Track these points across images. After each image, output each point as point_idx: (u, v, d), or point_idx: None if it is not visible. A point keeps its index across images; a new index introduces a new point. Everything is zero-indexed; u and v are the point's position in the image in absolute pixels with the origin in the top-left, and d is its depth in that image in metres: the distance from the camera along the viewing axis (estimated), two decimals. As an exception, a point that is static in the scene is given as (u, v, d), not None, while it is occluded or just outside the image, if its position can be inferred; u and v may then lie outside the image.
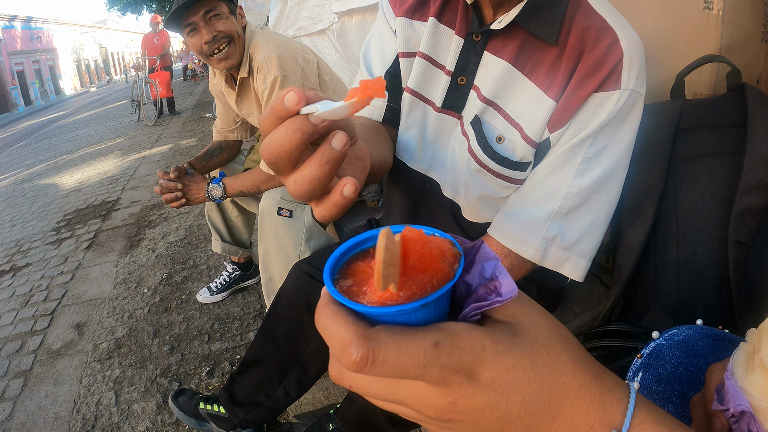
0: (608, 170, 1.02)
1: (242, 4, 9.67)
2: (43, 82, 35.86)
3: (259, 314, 2.79)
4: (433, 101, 1.19)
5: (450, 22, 1.15)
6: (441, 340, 0.37)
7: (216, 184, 2.21)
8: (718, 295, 1.12)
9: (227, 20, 2.02)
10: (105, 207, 5.30)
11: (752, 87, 1.22)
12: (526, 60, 1.05)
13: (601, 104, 0.98)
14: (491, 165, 1.10)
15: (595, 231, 1.06)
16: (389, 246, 0.36)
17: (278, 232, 2.02)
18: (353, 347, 0.36)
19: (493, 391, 0.38)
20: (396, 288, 0.38)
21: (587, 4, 1.03)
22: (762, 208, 1.07)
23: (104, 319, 3.02)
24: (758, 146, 1.08)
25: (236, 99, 2.30)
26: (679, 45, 1.43)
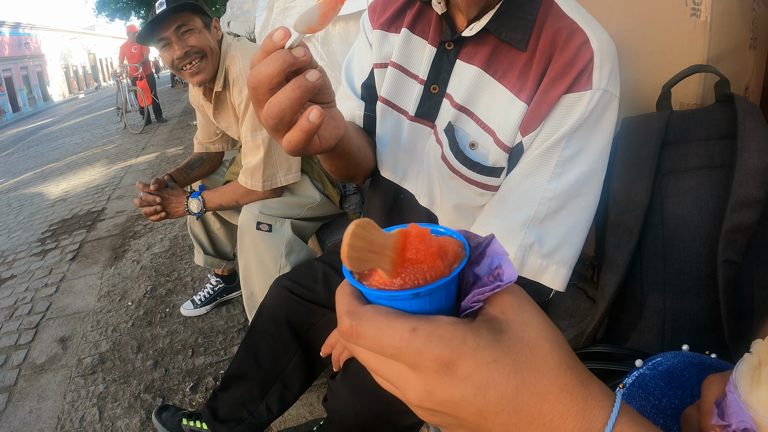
0: (585, 174, 1.01)
1: (228, 11, 9.74)
2: (31, 89, 35.73)
3: (243, 327, 2.77)
4: (407, 110, 1.19)
5: (423, 33, 1.16)
6: (419, 327, 0.39)
7: (195, 198, 2.18)
8: (706, 315, 1.09)
9: (200, 35, 1.99)
10: (90, 217, 5.25)
11: (741, 97, 1.20)
12: (498, 65, 1.05)
13: (573, 105, 0.97)
14: (464, 171, 1.09)
15: (574, 238, 1.04)
16: (359, 233, 0.39)
17: (258, 247, 2.00)
18: (343, 318, 0.42)
19: (470, 384, 0.38)
20: (389, 275, 0.41)
21: (558, 8, 1.03)
22: (753, 225, 1.04)
23: (88, 333, 2.98)
24: (748, 160, 1.05)
25: (214, 112, 2.27)
26: (666, 53, 1.42)
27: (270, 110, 0.62)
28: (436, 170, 1.15)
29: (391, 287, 0.41)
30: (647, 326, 1.16)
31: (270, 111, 0.62)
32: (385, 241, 0.41)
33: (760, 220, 1.04)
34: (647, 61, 1.46)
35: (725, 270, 1.04)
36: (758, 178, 1.03)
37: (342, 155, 1.03)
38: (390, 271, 0.41)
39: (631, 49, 1.49)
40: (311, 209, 2.20)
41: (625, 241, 1.15)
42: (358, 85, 1.31)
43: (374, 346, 0.40)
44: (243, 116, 1.99)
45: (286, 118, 0.62)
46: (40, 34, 39.17)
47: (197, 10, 2.00)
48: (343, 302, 0.43)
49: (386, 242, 0.41)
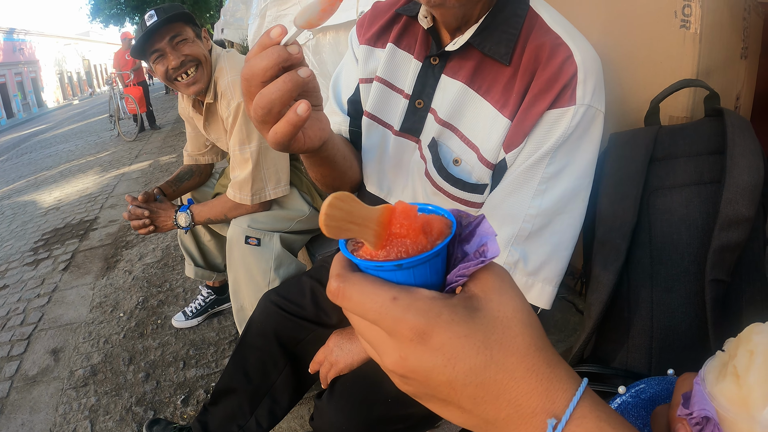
0: (569, 190, 0.99)
1: (222, 18, 9.74)
2: (25, 95, 35.67)
3: (234, 339, 2.75)
4: (392, 125, 1.19)
5: (409, 48, 1.17)
6: (399, 297, 0.42)
7: (183, 212, 2.17)
8: (694, 334, 1.08)
9: (193, 44, 1.99)
10: (83, 226, 5.24)
11: (731, 112, 1.19)
12: (482, 80, 1.05)
13: (557, 121, 0.96)
14: (447, 188, 1.09)
15: (560, 255, 1.03)
16: (335, 204, 0.41)
17: (247, 261, 2.00)
18: (332, 280, 0.45)
19: (441, 355, 0.40)
20: (374, 247, 0.44)
21: (542, 23, 1.02)
22: (741, 243, 1.03)
23: (80, 345, 2.97)
24: (737, 177, 1.04)
25: (204, 124, 2.27)
26: (655, 65, 1.41)
27: (260, 100, 0.67)
28: (420, 186, 1.15)
29: (377, 258, 0.44)
30: (634, 345, 1.15)
31: (260, 101, 0.67)
32: (367, 214, 0.44)
33: (749, 237, 1.03)
34: (636, 74, 1.45)
35: (713, 289, 1.03)
36: (747, 195, 1.02)
37: (326, 162, 1.06)
38: (374, 243, 0.44)
39: (620, 61, 1.48)
40: (300, 222, 2.20)
41: (612, 260, 1.14)
42: (344, 100, 1.32)
43: (357, 309, 0.43)
44: (231, 130, 1.98)
45: (275, 110, 0.67)
46: (34, 39, 39.15)
47: (189, 21, 2.00)
48: (334, 267, 0.46)
49: (369, 215, 0.44)
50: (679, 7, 1.32)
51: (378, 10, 1.28)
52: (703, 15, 1.29)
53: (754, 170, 1.04)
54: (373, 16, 1.27)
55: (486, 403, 0.41)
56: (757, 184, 1.03)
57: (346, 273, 0.45)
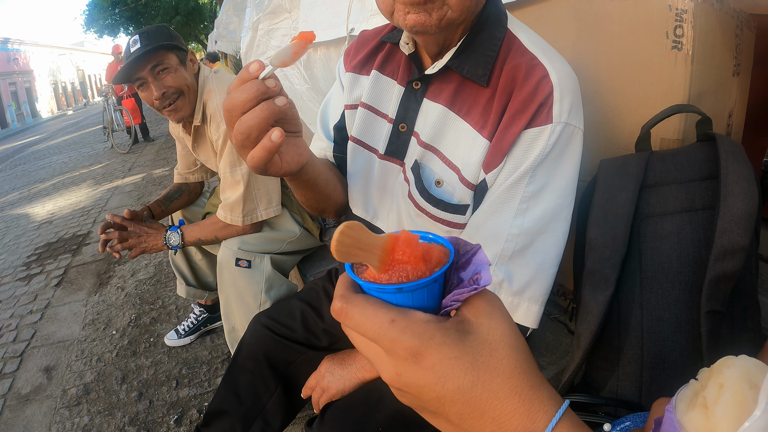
0: (551, 209, 1.00)
1: (215, 30, 9.74)
2: (19, 105, 35.56)
3: (227, 358, 2.75)
4: (377, 148, 1.21)
5: (393, 74, 1.19)
6: (397, 319, 0.46)
7: (173, 231, 2.16)
8: (685, 363, 1.07)
9: (176, 74, 1.97)
10: (75, 241, 5.23)
11: (724, 138, 1.17)
12: (462, 102, 1.06)
13: (534, 140, 0.96)
14: (429, 209, 1.09)
15: (544, 274, 1.03)
16: (346, 232, 0.46)
17: (237, 283, 2.00)
18: (335, 300, 0.48)
19: (432, 374, 0.45)
20: (377, 271, 0.49)
21: (520, 44, 1.03)
22: (737, 273, 1.01)
23: (73, 363, 2.96)
24: (732, 206, 1.02)
25: (193, 145, 2.27)
26: (647, 87, 1.40)
27: (240, 127, 0.74)
28: (404, 208, 1.16)
29: (379, 281, 0.48)
30: (625, 373, 1.14)
31: (239, 128, 0.74)
32: (374, 241, 0.48)
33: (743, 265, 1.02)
34: (628, 96, 1.45)
35: (709, 321, 1.02)
36: (742, 224, 1.01)
37: (308, 185, 1.10)
38: (378, 267, 0.49)
39: (612, 83, 1.48)
40: (291, 243, 2.20)
41: (601, 290, 1.13)
42: (330, 127, 1.35)
43: (358, 328, 0.47)
44: (221, 152, 1.98)
45: (252, 135, 0.75)
46: (29, 49, 39.10)
47: (172, 48, 1.98)
48: (339, 287, 0.50)
49: (375, 242, 0.48)
50: (670, 28, 1.31)
51: (363, 38, 1.31)
52: (696, 36, 1.29)
53: (749, 197, 1.02)
54: (359, 44, 1.31)
55: (472, 419, 0.46)
56: (752, 212, 1.01)
57: (349, 294, 0.49)
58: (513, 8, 1.72)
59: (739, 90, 1.63)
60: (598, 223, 1.19)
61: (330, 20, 3.06)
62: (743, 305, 1.08)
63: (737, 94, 1.62)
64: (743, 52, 1.58)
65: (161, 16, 27.16)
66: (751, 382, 0.50)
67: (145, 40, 1.93)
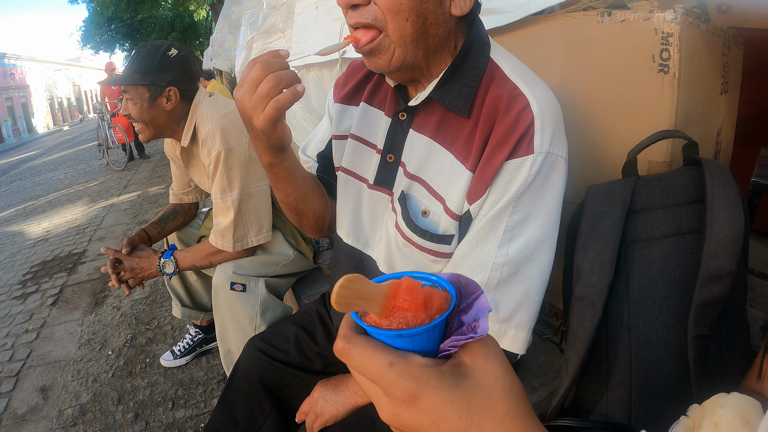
0: (535, 238, 1.01)
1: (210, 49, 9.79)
2: (15, 120, 35.48)
3: (222, 379, 2.74)
4: (366, 178, 1.23)
5: (380, 105, 1.23)
6: (395, 363, 0.47)
7: (167, 259, 2.17)
8: (673, 386, 1.08)
9: (137, 107, 1.99)
10: (71, 260, 5.21)
11: (710, 162, 1.18)
12: (446, 133, 1.08)
13: (516, 171, 0.97)
14: (415, 239, 1.11)
15: (531, 301, 1.04)
16: (346, 284, 0.48)
17: (233, 307, 2.01)
18: (338, 340, 0.50)
19: (428, 416, 0.46)
20: (378, 317, 0.50)
21: (502, 74, 1.05)
22: (724, 297, 1.01)
23: (69, 383, 2.95)
24: (718, 231, 1.02)
25: (187, 165, 2.29)
26: (635, 110, 1.41)
27: (274, 77, 0.89)
28: (393, 238, 1.18)
29: (380, 325, 0.50)
30: (614, 396, 1.15)
31: (274, 78, 0.89)
32: (375, 290, 0.50)
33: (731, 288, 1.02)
34: (616, 121, 1.46)
35: (696, 346, 1.03)
36: (729, 249, 1.01)
37: (289, 174, 1.18)
38: (379, 314, 0.50)
39: (599, 108, 1.49)
40: (285, 266, 2.21)
41: (588, 316, 1.13)
42: (313, 154, 1.40)
43: (358, 368, 0.49)
44: (212, 177, 1.99)
45: (281, 85, 0.89)
46: (25, 65, 39.07)
47: (147, 83, 1.99)
48: (342, 328, 0.52)
49: (376, 291, 0.51)
50: (657, 52, 1.33)
51: (353, 69, 1.34)
52: (682, 58, 1.30)
53: (735, 222, 1.03)
54: (348, 74, 1.34)
55: None
56: (738, 236, 1.02)
57: (351, 335, 0.50)
58: (502, 32, 1.74)
59: (728, 107, 1.66)
60: (585, 249, 1.20)
61: (322, 42, 3.09)
62: (731, 327, 1.09)
63: (726, 112, 1.65)
64: (731, 69, 1.61)
65: (157, 33, 27.23)
66: (745, 419, 0.51)
67: (130, 63, 2.00)
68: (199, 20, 26.60)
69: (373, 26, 0.98)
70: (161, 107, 2.04)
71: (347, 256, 1.33)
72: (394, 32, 0.98)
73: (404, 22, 0.97)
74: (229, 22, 7.56)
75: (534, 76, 1.07)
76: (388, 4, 0.95)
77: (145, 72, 1.97)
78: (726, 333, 1.08)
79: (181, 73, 2.06)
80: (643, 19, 1.34)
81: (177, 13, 26.82)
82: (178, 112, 2.09)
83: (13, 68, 36.63)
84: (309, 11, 3.31)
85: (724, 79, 1.58)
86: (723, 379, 1.06)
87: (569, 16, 1.53)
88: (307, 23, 3.35)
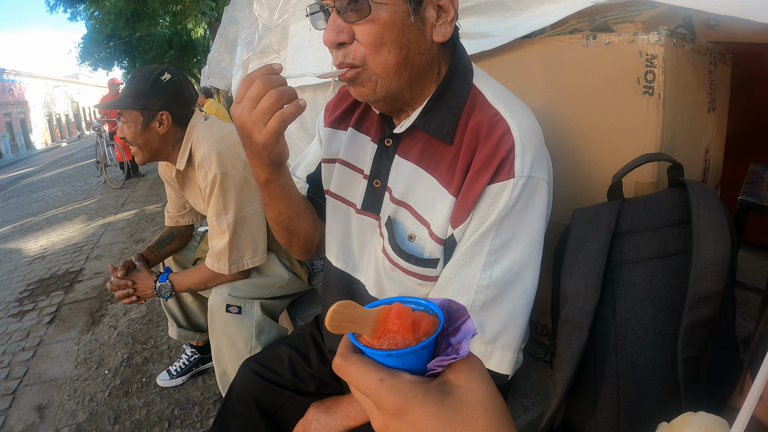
0: (518, 260, 1.02)
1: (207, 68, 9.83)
2: (14, 135, 35.50)
3: (218, 399, 2.74)
4: (355, 203, 1.25)
5: (367, 130, 1.26)
6: (385, 378, 0.52)
7: (163, 282, 2.19)
8: (660, 406, 1.09)
9: (131, 130, 2.02)
10: (68, 278, 5.22)
11: (694, 183, 1.19)
12: (430, 159, 1.10)
13: (498, 195, 0.99)
14: (401, 263, 1.12)
15: (516, 322, 1.05)
16: (339, 310, 0.53)
17: (228, 329, 2.02)
18: (336, 357, 0.55)
19: (415, 428, 0.51)
20: (370, 338, 0.55)
21: (484, 99, 1.07)
22: (713, 318, 1.03)
23: (65, 402, 2.95)
24: (705, 253, 1.03)
25: (183, 187, 2.31)
26: (620, 133, 1.42)
27: (275, 94, 0.90)
28: (380, 262, 1.19)
29: (373, 345, 0.55)
30: (602, 417, 1.16)
31: (274, 94, 0.90)
32: (366, 315, 0.56)
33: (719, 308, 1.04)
34: (602, 143, 1.47)
35: (686, 368, 1.04)
36: (715, 270, 1.02)
37: (284, 192, 1.19)
38: (370, 335, 0.55)
39: (586, 130, 1.51)
40: (280, 288, 2.22)
41: (575, 339, 1.15)
42: (303, 176, 1.43)
43: (353, 383, 0.54)
44: (208, 200, 2.01)
45: (283, 100, 0.90)
46: (24, 80, 39.17)
47: (141, 107, 2.02)
48: (341, 346, 0.57)
49: (368, 315, 0.56)
50: (641, 74, 1.34)
51: (342, 94, 1.37)
52: (666, 80, 1.31)
53: (721, 243, 1.04)
54: (338, 99, 1.37)
55: None
56: (725, 257, 1.03)
57: (348, 353, 0.55)
58: (489, 56, 1.77)
59: (716, 124, 1.68)
60: (570, 273, 1.21)
61: (316, 64, 3.14)
62: (720, 346, 1.11)
63: (714, 128, 1.67)
64: (718, 86, 1.63)
65: (155, 50, 27.32)
66: None
67: (126, 86, 2.04)
68: (196, 38, 26.64)
69: (353, 65, 1.01)
70: (154, 131, 2.06)
71: (337, 280, 1.35)
72: (375, 66, 1.00)
73: (387, 54, 1.00)
74: (225, 41, 7.61)
75: (516, 101, 1.10)
76: (369, 39, 0.98)
77: (137, 96, 2.00)
78: (715, 352, 1.10)
79: (174, 98, 2.07)
80: (627, 42, 1.36)
81: (175, 31, 26.89)
82: (171, 136, 2.11)
83: (12, 84, 36.72)
84: (303, 33, 3.34)
85: (711, 97, 1.59)
86: (713, 398, 1.07)
87: (555, 39, 1.55)
88: (301, 45, 3.39)
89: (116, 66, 29.62)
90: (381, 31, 0.98)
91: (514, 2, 1.65)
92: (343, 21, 0.99)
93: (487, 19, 1.75)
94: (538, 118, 1.09)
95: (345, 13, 0.98)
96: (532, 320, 1.19)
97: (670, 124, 1.36)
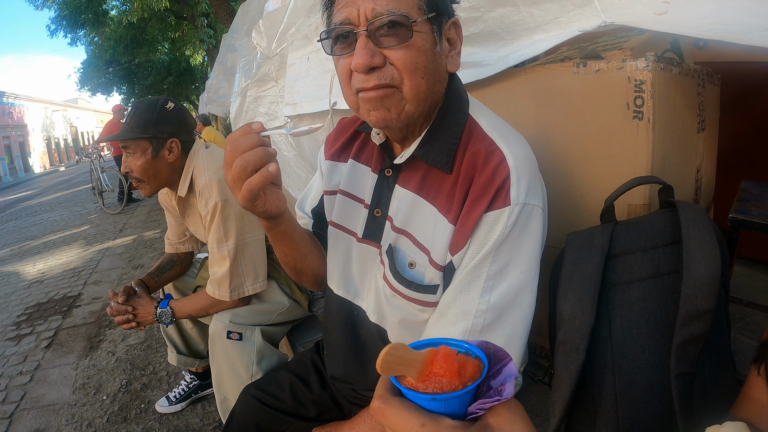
0: (516, 285, 1.03)
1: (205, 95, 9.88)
2: (12, 159, 35.55)
3: (218, 425, 2.74)
4: (356, 232, 1.28)
5: (367, 161, 1.29)
6: (427, 424, 0.52)
7: (164, 309, 2.20)
8: (659, 423, 1.10)
9: (139, 162, 2.04)
10: (66, 303, 5.20)
11: (685, 204, 1.21)
12: (430, 188, 1.12)
13: (495, 222, 1.01)
14: (402, 290, 1.14)
15: (515, 345, 1.06)
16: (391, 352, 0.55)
17: (229, 356, 2.02)
18: (374, 400, 0.56)
19: None
20: (416, 381, 0.56)
21: (480, 129, 1.10)
22: (704, 334, 1.04)
23: (63, 427, 2.94)
24: (695, 271, 1.05)
25: (183, 215, 2.33)
26: (611, 157, 1.44)
27: (240, 162, 0.94)
28: (381, 289, 1.21)
29: (417, 389, 0.56)
30: None
31: (240, 162, 0.94)
32: (415, 357, 0.57)
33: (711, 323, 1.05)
34: (593, 168, 1.49)
35: (679, 384, 1.05)
36: (706, 288, 1.04)
37: (287, 237, 1.25)
38: (416, 378, 0.56)
39: (577, 156, 1.53)
40: (281, 314, 2.23)
41: (572, 360, 1.16)
42: (309, 210, 1.46)
43: (392, 426, 0.54)
44: (209, 228, 2.03)
45: (249, 168, 0.94)
46: (24, 104, 39.33)
47: (147, 137, 2.04)
48: (379, 388, 0.58)
49: (416, 358, 0.57)
50: (630, 99, 1.36)
51: (342, 126, 1.41)
52: (655, 104, 1.33)
53: (711, 262, 1.06)
54: (338, 132, 1.40)
55: None
56: (715, 275, 1.05)
57: (387, 395, 0.56)
58: (483, 85, 1.79)
59: (706, 143, 1.70)
60: (566, 295, 1.23)
61: (314, 93, 3.17)
62: (714, 361, 1.12)
63: (704, 148, 1.69)
64: (707, 107, 1.65)
65: (154, 77, 27.57)
66: None
67: (129, 118, 2.05)
68: (195, 65, 26.88)
69: (390, 86, 1.02)
70: (164, 159, 2.09)
71: (338, 307, 1.36)
72: (409, 90, 1.02)
73: (420, 80, 1.02)
74: (224, 68, 7.68)
75: (510, 130, 1.13)
76: (406, 64, 1.00)
77: (145, 125, 2.02)
78: (709, 368, 1.11)
79: (180, 125, 2.12)
80: (616, 69, 1.39)
81: (174, 58, 27.15)
82: (179, 164, 2.14)
83: (12, 107, 36.84)
84: (301, 62, 3.38)
85: (700, 118, 1.62)
86: (708, 414, 1.07)
87: (546, 67, 1.58)
88: (299, 74, 3.42)
89: (115, 91, 29.88)
90: (416, 57, 1.01)
91: (505, 32, 1.68)
92: (374, 45, 1.00)
93: (479, 48, 1.78)
94: (531, 145, 1.12)
95: (382, 37, 1.00)
96: (530, 343, 1.20)
97: (660, 146, 1.39)
